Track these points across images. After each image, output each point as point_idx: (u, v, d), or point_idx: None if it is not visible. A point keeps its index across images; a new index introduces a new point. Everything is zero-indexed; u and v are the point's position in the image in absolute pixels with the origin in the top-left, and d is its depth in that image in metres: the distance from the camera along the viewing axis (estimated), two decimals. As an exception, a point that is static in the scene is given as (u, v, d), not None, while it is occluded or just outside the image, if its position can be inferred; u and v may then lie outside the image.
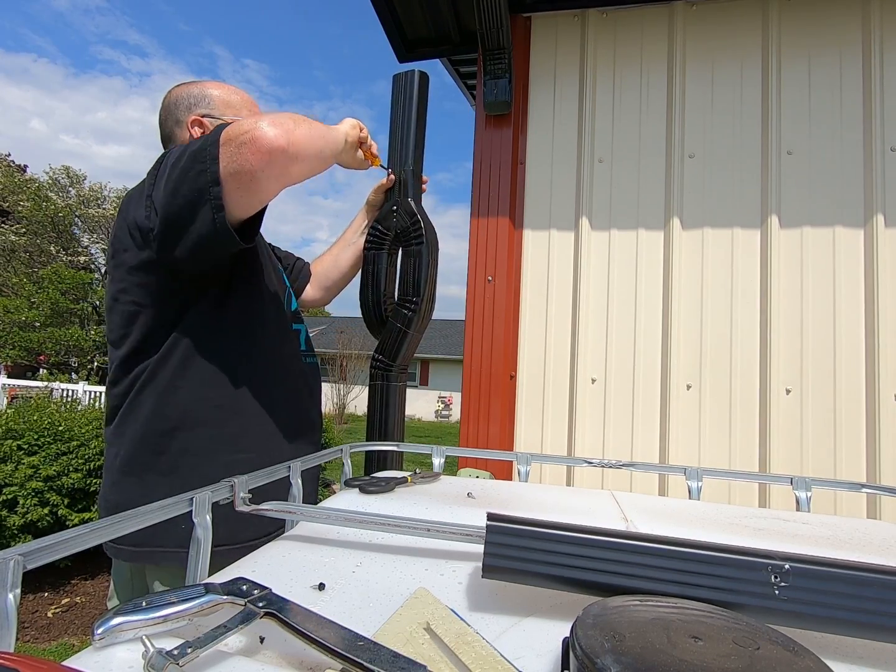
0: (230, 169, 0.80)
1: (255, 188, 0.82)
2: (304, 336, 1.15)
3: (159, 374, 0.91)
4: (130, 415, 0.92)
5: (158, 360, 0.91)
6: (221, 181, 0.80)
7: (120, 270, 0.93)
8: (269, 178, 0.81)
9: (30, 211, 15.47)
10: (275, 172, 0.81)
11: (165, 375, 0.91)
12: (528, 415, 1.83)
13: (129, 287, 0.93)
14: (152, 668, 0.30)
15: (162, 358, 0.91)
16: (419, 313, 1.16)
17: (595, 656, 0.29)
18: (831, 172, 1.67)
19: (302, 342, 1.13)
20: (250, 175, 0.79)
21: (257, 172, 0.79)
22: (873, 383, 1.58)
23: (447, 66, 2.54)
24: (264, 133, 0.78)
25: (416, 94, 1.21)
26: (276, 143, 0.79)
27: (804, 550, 0.46)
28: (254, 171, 0.79)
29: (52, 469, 3.32)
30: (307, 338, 1.16)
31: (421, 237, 1.17)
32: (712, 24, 1.80)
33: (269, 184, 0.83)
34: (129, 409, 0.92)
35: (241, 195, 0.82)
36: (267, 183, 0.82)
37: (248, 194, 0.83)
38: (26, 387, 8.85)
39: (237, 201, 0.83)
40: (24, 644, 2.73)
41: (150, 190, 0.89)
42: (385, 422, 1.17)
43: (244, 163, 0.79)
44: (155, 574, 0.90)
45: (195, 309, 0.93)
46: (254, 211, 0.88)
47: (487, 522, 0.45)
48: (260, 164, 0.79)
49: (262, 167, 0.79)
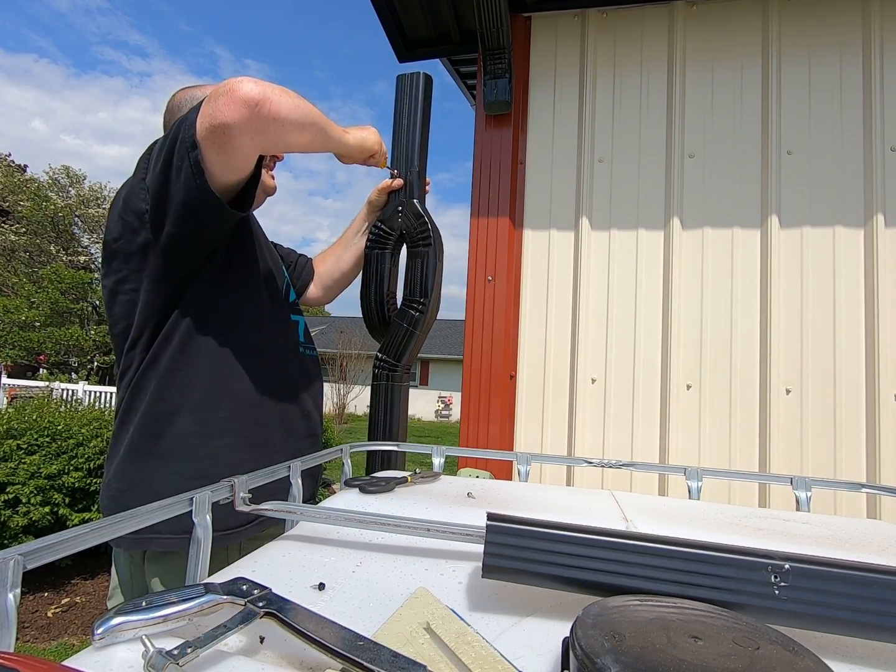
0: (205, 125, 0.79)
1: (230, 144, 0.81)
2: (303, 328, 1.15)
3: (160, 359, 0.92)
4: (134, 402, 0.93)
5: (159, 345, 0.92)
6: (199, 143, 0.80)
7: (117, 261, 0.94)
8: (243, 133, 0.80)
9: (30, 211, 15.47)
10: (249, 126, 0.79)
11: (165, 360, 0.92)
12: (528, 415, 1.83)
13: (127, 275, 0.93)
14: (152, 667, 0.30)
15: (162, 343, 0.92)
16: (427, 314, 1.17)
17: (595, 656, 0.29)
18: (831, 172, 1.67)
19: (301, 334, 1.13)
20: (223, 128, 0.79)
21: (230, 125, 0.78)
22: (873, 383, 1.58)
23: (447, 66, 2.54)
24: (241, 85, 0.78)
25: (421, 96, 1.22)
26: (250, 95, 0.78)
27: (804, 550, 0.46)
28: (227, 124, 0.78)
29: (52, 468, 3.32)
30: (306, 330, 1.16)
31: (428, 238, 1.18)
32: (712, 24, 1.80)
33: (243, 139, 0.81)
34: (132, 396, 0.93)
35: (218, 153, 0.82)
36: (241, 137, 0.80)
37: (224, 152, 0.82)
38: (26, 387, 8.85)
39: (215, 161, 0.82)
40: (24, 644, 2.73)
41: (145, 174, 0.89)
42: (390, 422, 1.17)
43: (218, 115, 0.78)
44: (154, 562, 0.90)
45: (192, 293, 0.93)
46: (237, 173, 0.87)
47: (487, 522, 0.45)
48: (233, 115, 0.78)
49: (236, 119, 0.78)
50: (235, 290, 0.98)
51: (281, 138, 0.86)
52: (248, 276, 1.01)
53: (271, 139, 0.85)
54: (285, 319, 1.09)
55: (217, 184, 0.85)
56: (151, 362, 0.92)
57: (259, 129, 0.81)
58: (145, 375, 0.92)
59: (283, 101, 0.81)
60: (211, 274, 0.95)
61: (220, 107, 0.78)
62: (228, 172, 0.86)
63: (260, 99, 0.78)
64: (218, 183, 0.85)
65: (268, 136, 0.83)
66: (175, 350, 0.92)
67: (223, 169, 0.85)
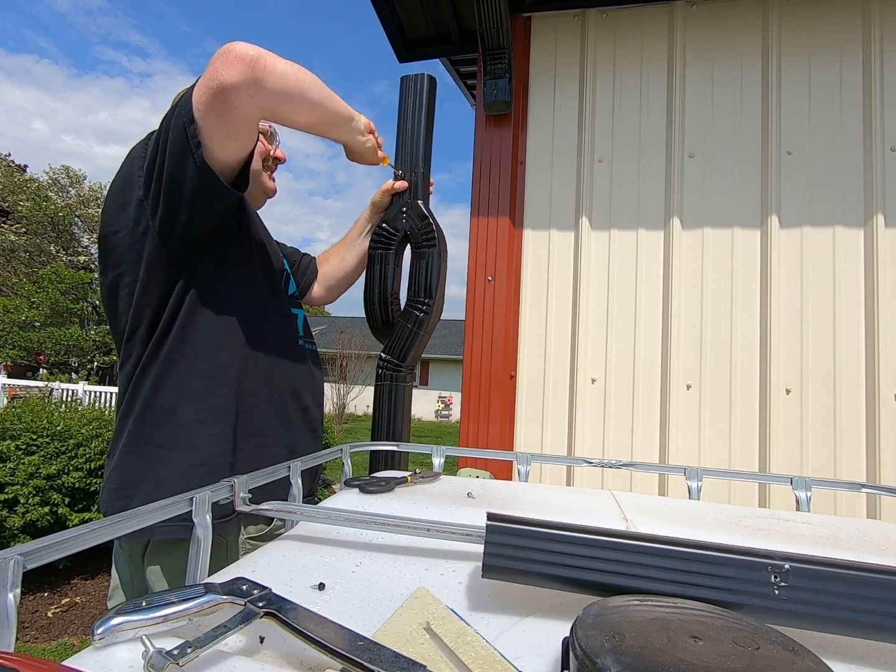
0: (204, 90, 0.80)
1: (230, 103, 0.80)
2: (303, 321, 1.15)
3: (159, 349, 0.92)
4: (135, 393, 0.93)
5: (158, 336, 0.92)
6: (196, 118, 0.81)
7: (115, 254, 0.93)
8: (240, 90, 0.79)
9: (30, 211, 15.47)
10: (248, 83, 0.80)
11: (164, 350, 0.92)
12: (528, 415, 1.83)
13: (126, 268, 0.93)
14: (152, 667, 0.30)
15: (161, 333, 0.92)
16: (431, 315, 1.17)
17: (595, 656, 0.29)
18: (831, 172, 1.67)
19: (300, 327, 1.13)
20: (220, 88, 0.79)
21: (227, 84, 0.78)
22: (873, 383, 1.58)
23: (447, 66, 2.54)
24: (235, 46, 0.79)
25: (424, 97, 1.23)
26: (245, 51, 0.79)
27: (804, 550, 0.46)
28: (223, 83, 0.78)
29: (52, 468, 3.32)
30: (305, 324, 1.16)
31: (433, 239, 1.18)
32: (712, 24, 1.80)
33: (240, 96, 0.80)
34: (133, 388, 0.93)
35: (218, 115, 0.82)
36: (238, 94, 0.80)
37: (224, 113, 0.81)
38: (26, 387, 8.85)
39: (215, 129, 0.83)
40: (24, 644, 2.73)
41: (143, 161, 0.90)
42: (393, 422, 1.17)
43: (216, 76, 0.79)
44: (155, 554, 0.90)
45: (191, 282, 0.93)
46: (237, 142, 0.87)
47: (487, 522, 0.45)
48: (230, 73, 0.78)
49: (233, 76, 0.78)
50: (233, 279, 0.98)
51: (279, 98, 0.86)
52: (247, 265, 1.01)
53: (269, 98, 0.84)
54: (284, 311, 1.09)
55: (215, 160, 0.85)
56: (151, 353, 0.92)
57: (256, 87, 0.81)
58: (144, 366, 0.92)
59: (277, 60, 0.83)
60: (209, 262, 0.95)
61: (218, 68, 0.79)
62: (228, 141, 0.86)
63: (255, 55, 0.79)
64: (215, 159, 0.85)
65: (266, 95, 0.83)
66: (173, 340, 0.92)
67: (223, 137, 0.84)
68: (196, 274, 0.93)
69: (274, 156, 1.15)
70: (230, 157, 0.88)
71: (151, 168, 0.87)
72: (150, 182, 0.88)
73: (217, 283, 0.95)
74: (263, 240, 1.08)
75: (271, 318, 1.04)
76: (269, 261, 1.07)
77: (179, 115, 0.83)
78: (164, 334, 0.92)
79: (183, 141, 0.83)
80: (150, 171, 0.87)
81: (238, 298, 0.98)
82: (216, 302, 0.95)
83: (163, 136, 0.86)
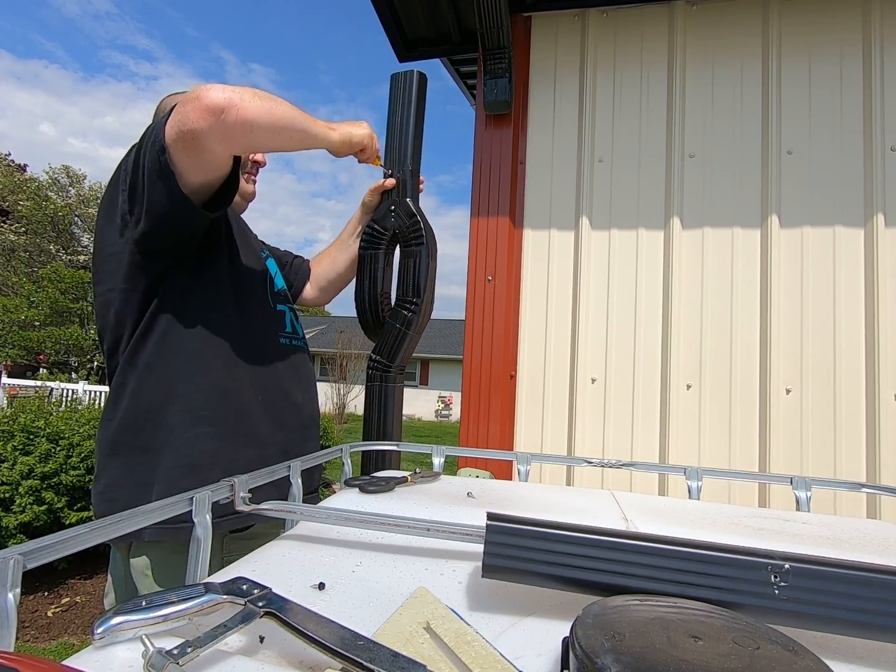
0: (174, 130, 0.81)
1: (198, 147, 0.82)
2: (290, 318, 1.15)
3: (139, 356, 0.93)
4: (117, 399, 0.94)
5: (137, 342, 0.93)
6: (167, 148, 0.82)
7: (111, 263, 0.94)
8: (210, 138, 0.81)
9: (29, 210, 15.47)
10: (216, 133, 0.81)
11: (144, 356, 0.92)
12: (528, 414, 1.83)
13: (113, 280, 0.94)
14: (152, 667, 0.30)
15: (140, 339, 0.93)
16: (419, 314, 1.16)
17: (595, 656, 0.29)
18: (831, 172, 1.67)
19: (287, 323, 1.13)
20: (191, 134, 0.80)
21: (198, 131, 0.80)
22: (873, 383, 1.58)
23: (447, 66, 2.53)
24: (208, 93, 0.79)
25: (414, 94, 1.21)
26: (215, 102, 0.79)
27: (804, 550, 0.46)
28: (194, 130, 0.80)
29: (48, 467, 3.32)
30: (293, 320, 1.16)
31: (421, 237, 1.17)
32: (712, 24, 1.80)
33: (210, 143, 0.82)
34: (116, 394, 0.94)
35: (188, 157, 0.83)
36: (207, 142, 0.81)
37: (193, 155, 0.83)
38: (26, 386, 8.85)
39: (185, 163, 0.84)
40: (24, 644, 2.73)
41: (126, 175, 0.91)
42: (384, 423, 1.16)
43: (186, 121, 0.80)
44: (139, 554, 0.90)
45: (170, 288, 0.94)
46: (212, 174, 0.89)
47: (487, 522, 0.45)
48: (199, 122, 0.79)
49: (202, 126, 0.79)
50: (212, 282, 0.98)
51: (251, 142, 0.87)
52: (226, 267, 1.01)
53: (240, 143, 0.86)
54: (269, 310, 1.09)
55: (188, 183, 0.86)
56: (130, 359, 0.93)
57: (226, 135, 0.82)
58: (126, 373, 0.93)
59: (250, 106, 0.81)
60: (187, 267, 0.96)
61: (189, 113, 0.80)
62: (201, 173, 0.87)
63: (225, 106, 0.79)
64: (189, 183, 0.86)
65: (236, 141, 0.85)
66: (153, 345, 0.93)
67: (195, 171, 0.86)
68: (175, 279, 0.95)
69: (253, 159, 1.15)
70: (206, 179, 0.89)
71: (133, 185, 0.89)
72: (132, 198, 0.89)
73: (196, 286, 0.96)
74: (243, 241, 1.08)
75: (255, 319, 1.04)
76: (251, 260, 1.08)
77: (154, 143, 0.84)
78: (144, 341, 0.93)
79: (157, 168, 0.84)
80: (133, 188, 0.89)
81: (219, 302, 0.98)
82: (196, 308, 0.95)
83: (142, 156, 0.87)
